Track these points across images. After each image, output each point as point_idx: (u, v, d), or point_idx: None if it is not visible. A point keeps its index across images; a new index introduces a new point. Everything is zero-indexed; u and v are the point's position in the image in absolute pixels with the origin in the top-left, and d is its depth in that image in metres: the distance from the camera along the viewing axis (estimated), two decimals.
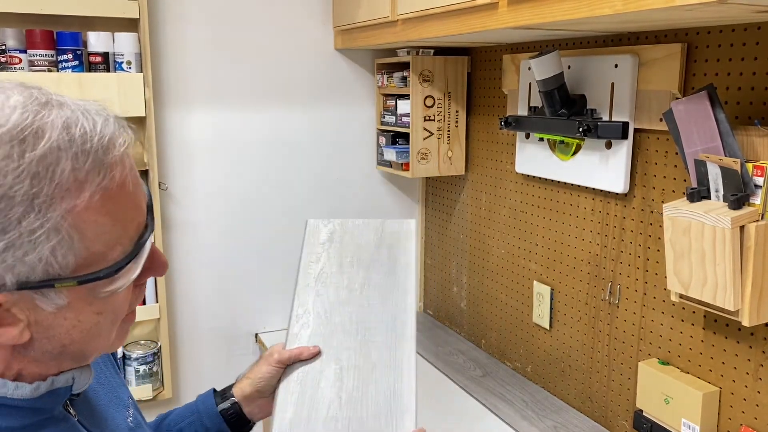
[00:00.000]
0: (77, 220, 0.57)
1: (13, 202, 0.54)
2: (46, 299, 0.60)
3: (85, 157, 0.58)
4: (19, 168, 0.54)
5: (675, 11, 1.02)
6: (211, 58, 2.03)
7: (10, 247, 0.55)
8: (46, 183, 0.55)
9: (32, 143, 0.55)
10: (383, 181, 2.35)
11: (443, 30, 1.55)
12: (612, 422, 1.61)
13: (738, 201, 1.13)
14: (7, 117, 0.56)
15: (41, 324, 0.61)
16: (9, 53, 1.74)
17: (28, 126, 0.56)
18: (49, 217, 0.56)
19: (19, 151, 0.55)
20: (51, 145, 0.56)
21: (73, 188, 0.57)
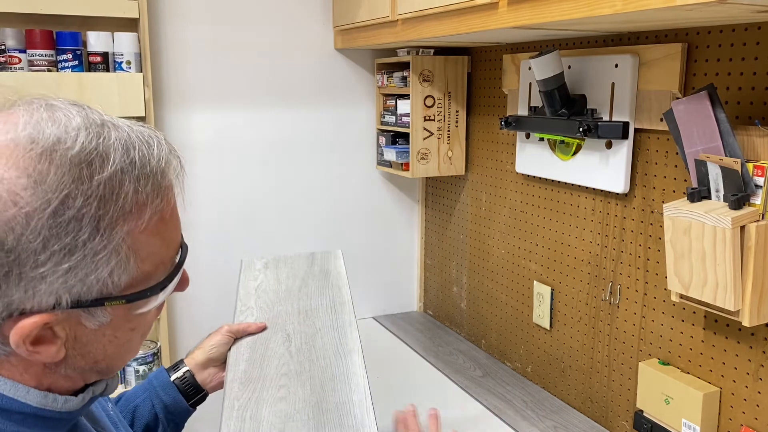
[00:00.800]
0: (135, 242, 0.59)
1: (81, 224, 0.55)
2: (92, 317, 0.60)
3: (146, 181, 0.59)
4: (88, 191, 0.55)
5: (675, 11, 1.01)
6: (211, 58, 2.03)
7: (74, 268, 0.55)
8: (111, 205, 0.56)
9: (99, 166, 0.56)
10: (383, 181, 2.35)
11: (443, 30, 1.54)
12: (612, 422, 1.61)
13: (738, 201, 1.13)
14: (73, 139, 0.56)
15: (79, 341, 0.61)
16: (8, 53, 1.74)
17: (93, 149, 0.56)
18: (111, 239, 0.57)
19: (88, 173, 0.55)
20: (116, 168, 0.57)
21: (135, 211, 0.58)
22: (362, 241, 2.35)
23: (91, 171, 0.55)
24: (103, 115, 0.61)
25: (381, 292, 2.42)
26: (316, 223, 2.28)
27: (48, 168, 0.54)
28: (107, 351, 0.64)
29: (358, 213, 2.33)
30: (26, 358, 0.60)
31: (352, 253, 2.34)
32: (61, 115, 0.57)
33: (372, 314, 2.41)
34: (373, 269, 2.39)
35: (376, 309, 2.42)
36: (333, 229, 2.30)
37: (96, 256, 0.56)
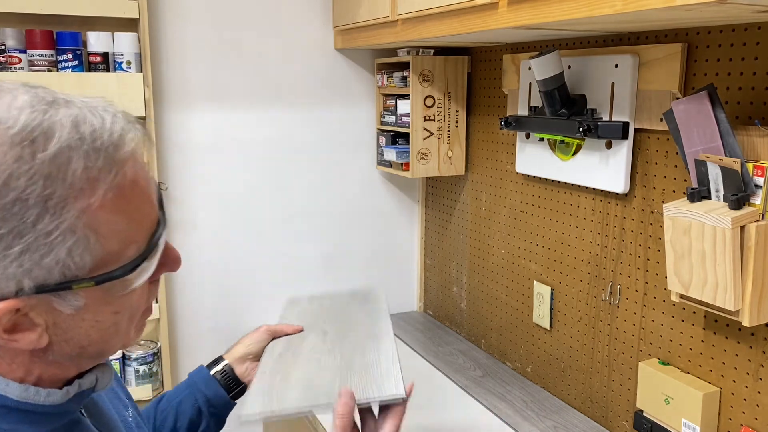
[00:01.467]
0: (92, 220, 0.56)
1: (27, 204, 0.53)
2: (64, 301, 0.58)
3: (96, 155, 0.56)
4: (31, 170, 0.53)
5: (675, 11, 1.01)
6: (211, 58, 2.03)
7: (26, 250, 0.54)
8: (59, 183, 0.54)
9: (42, 143, 0.54)
10: (383, 181, 2.35)
11: (443, 30, 1.54)
12: (612, 422, 1.61)
13: (738, 201, 1.13)
14: (15, 118, 0.54)
15: (59, 326, 0.60)
16: (9, 53, 1.74)
17: (37, 126, 0.54)
18: (64, 218, 0.54)
19: (30, 152, 0.53)
20: (62, 144, 0.54)
21: (87, 187, 0.55)
22: (362, 241, 2.35)
23: (33, 149, 0.53)
24: (59, 94, 0.59)
25: None
26: (316, 222, 2.28)
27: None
28: (91, 336, 0.62)
29: (358, 213, 2.33)
30: (5, 346, 0.59)
31: (351, 253, 2.35)
32: (7, 96, 0.56)
33: None
34: (373, 269, 2.39)
35: None
36: (333, 229, 2.30)
37: (48, 237, 0.54)
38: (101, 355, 0.67)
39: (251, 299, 2.21)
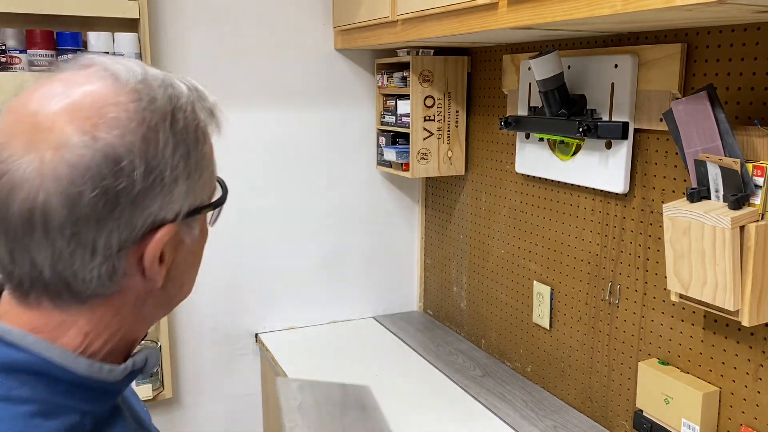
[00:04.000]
0: (207, 161, 0.65)
1: (187, 133, 0.61)
2: (190, 230, 0.65)
3: (207, 114, 0.66)
4: (184, 108, 0.62)
5: (675, 11, 1.02)
6: (211, 59, 2.03)
7: (193, 171, 0.62)
8: (194, 133, 0.62)
9: (183, 106, 0.62)
10: (383, 181, 2.35)
11: (443, 30, 1.55)
12: (612, 422, 1.62)
13: (738, 201, 1.13)
14: (155, 91, 0.60)
15: (176, 262, 0.65)
16: (9, 53, 1.74)
17: (170, 83, 0.63)
18: (199, 158, 0.62)
19: (184, 114, 0.62)
20: (193, 106, 0.64)
21: (204, 137, 0.64)
22: (362, 241, 2.35)
23: (177, 116, 0.61)
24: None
25: (381, 292, 2.42)
26: (317, 223, 2.28)
27: (153, 91, 0.60)
28: (186, 275, 0.69)
29: (358, 213, 2.33)
30: (133, 287, 0.62)
31: (352, 253, 2.35)
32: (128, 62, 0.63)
33: (372, 314, 2.41)
34: (373, 269, 2.39)
35: (376, 309, 2.42)
36: (333, 229, 2.30)
37: (201, 162, 0.63)
38: (177, 299, 0.71)
39: (251, 299, 2.21)
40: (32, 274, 0.58)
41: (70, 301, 0.60)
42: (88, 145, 0.55)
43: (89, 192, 0.55)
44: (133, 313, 0.64)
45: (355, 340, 2.18)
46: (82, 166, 0.55)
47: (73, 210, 0.55)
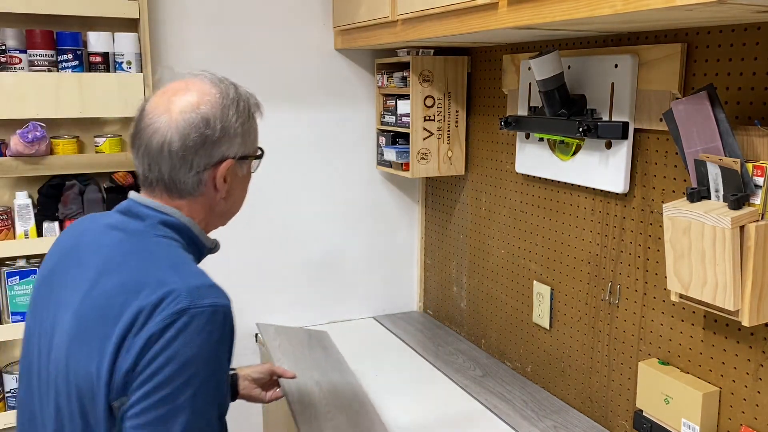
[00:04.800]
0: (253, 130, 1.12)
1: (241, 112, 1.08)
2: (240, 168, 1.11)
3: (254, 99, 1.14)
4: (244, 107, 1.10)
5: (675, 11, 1.02)
6: (211, 59, 2.03)
7: (245, 133, 1.09)
8: (246, 113, 1.10)
9: (244, 98, 1.11)
10: (383, 181, 2.35)
11: (443, 30, 1.55)
12: (612, 422, 1.61)
13: (738, 201, 1.13)
14: (229, 89, 1.09)
15: (232, 186, 1.10)
16: (9, 53, 1.74)
17: (231, 83, 1.11)
18: (248, 126, 1.10)
19: (243, 103, 1.10)
20: (248, 101, 1.12)
21: (251, 115, 1.12)
22: (362, 241, 2.35)
23: (239, 104, 1.09)
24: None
25: (381, 292, 2.42)
26: (316, 222, 2.28)
27: (227, 89, 1.09)
28: (236, 198, 1.14)
29: (358, 213, 2.33)
30: (208, 194, 1.08)
31: (352, 253, 2.35)
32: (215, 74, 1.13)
33: (372, 314, 2.41)
34: (373, 269, 2.39)
35: (376, 309, 2.42)
36: (333, 229, 2.30)
37: (250, 128, 1.11)
38: (230, 215, 1.17)
39: (252, 299, 2.21)
40: (159, 177, 1.05)
41: (176, 195, 1.07)
42: (195, 111, 1.03)
43: (193, 135, 1.02)
44: (210, 211, 1.11)
45: (355, 340, 2.17)
46: (190, 121, 1.03)
47: (183, 143, 1.02)
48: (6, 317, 1.81)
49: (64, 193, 1.83)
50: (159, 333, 0.89)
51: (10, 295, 1.80)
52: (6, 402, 1.85)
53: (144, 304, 0.91)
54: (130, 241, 1.02)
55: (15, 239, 1.78)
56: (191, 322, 0.90)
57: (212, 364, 0.93)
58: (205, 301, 0.93)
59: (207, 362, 0.92)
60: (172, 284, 0.93)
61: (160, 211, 1.05)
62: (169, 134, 1.01)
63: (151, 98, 1.08)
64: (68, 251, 1.07)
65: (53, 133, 1.83)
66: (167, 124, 1.02)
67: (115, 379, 0.90)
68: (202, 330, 0.91)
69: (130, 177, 1.89)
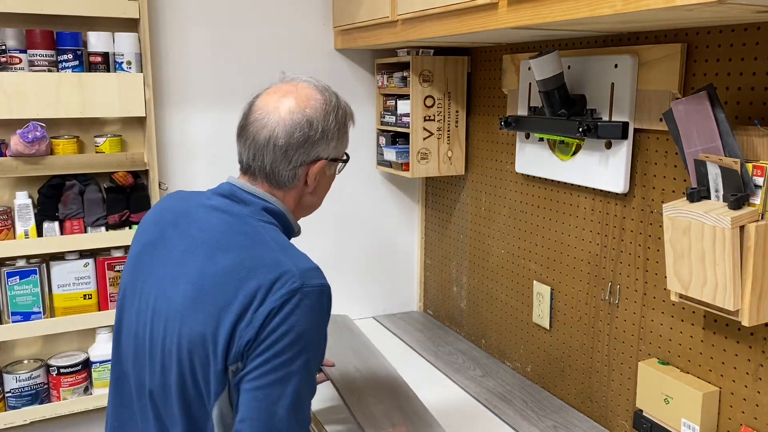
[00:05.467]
0: (346, 136, 1.24)
1: (340, 118, 1.21)
2: (329, 169, 1.23)
3: (350, 114, 1.25)
4: (342, 115, 1.22)
5: (675, 11, 1.02)
6: (211, 58, 2.03)
7: (339, 139, 1.21)
8: (343, 120, 1.22)
9: (343, 107, 1.23)
10: (383, 181, 2.35)
11: (443, 30, 1.55)
12: (612, 422, 1.62)
13: (738, 201, 1.13)
14: (332, 96, 1.21)
15: (319, 183, 1.22)
16: (9, 53, 1.74)
17: (334, 93, 1.23)
18: (343, 132, 1.22)
19: (342, 111, 1.22)
20: (346, 109, 1.23)
21: (346, 123, 1.23)
22: (362, 241, 2.35)
23: (338, 110, 1.21)
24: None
25: (381, 292, 2.42)
26: (316, 223, 2.27)
27: (330, 96, 1.20)
28: (320, 193, 1.26)
29: (358, 213, 2.33)
30: (299, 187, 1.20)
31: (352, 252, 2.35)
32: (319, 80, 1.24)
33: (372, 314, 2.41)
34: (374, 269, 2.39)
35: (376, 309, 2.42)
36: (333, 229, 2.30)
37: (344, 134, 1.23)
38: (313, 208, 1.30)
39: None
40: (261, 167, 1.17)
41: (275, 185, 1.19)
42: (301, 113, 1.16)
43: (297, 133, 1.15)
44: (298, 203, 1.23)
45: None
46: (296, 121, 1.15)
47: (288, 140, 1.15)
48: (6, 317, 1.81)
49: (64, 193, 1.83)
50: (278, 308, 1.02)
51: (10, 295, 1.80)
52: (6, 402, 1.85)
53: (262, 281, 1.03)
54: (238, 223, 1.14)
55: (15, 239, 1.78)
56: (304, 300, 1.03)
57: (319, 337, 1.08)
58: (314, 282, 1.06)
59: (316, 334, 1.06)
60: (286, 265, 1.05)
61: (263, 198, 1.18)
62: (277, 130, 1.15)
63: (261, 95, 1.21)
64: (173, 226, 1.18)
65: (53, 133, 1.83)
66: (276, 121, 1.15)
67: (234, 347, 1.02)
68: (313, 306, 1.04)
69: (130, 177, 1.89)
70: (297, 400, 1.03)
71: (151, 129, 1.87)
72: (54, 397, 1.89)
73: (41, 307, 1.84)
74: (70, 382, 1.89)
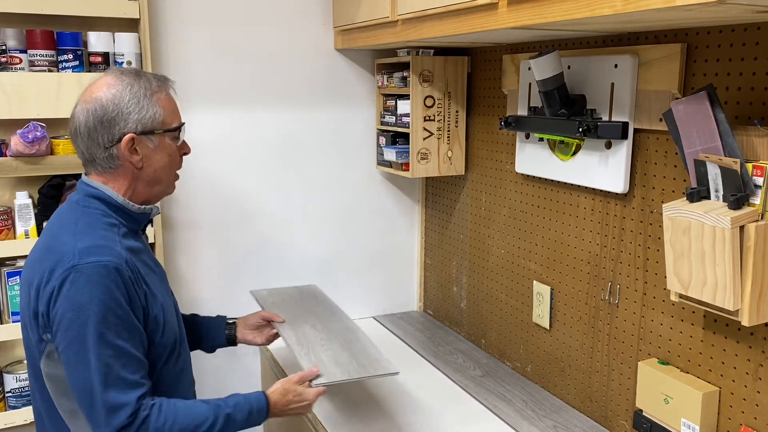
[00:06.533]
0: (160, 102, 1.29)
1: (140, 95, 1.27)
2: (150, 141, 1.28)
3: (158, 81, 1.32)
4: (141, 83, 1.28)
5: (675, 11, 1.02)
6: (211, 59, 2.03)
7: (141, 110, 1.26)
8: (150, 87, 1.29)
9: (142, 83, 1.29)
10: (383, 181, 2.35)
11: (443, 30, 1.55)
12: (612, 422, 1.62)
13: (738, 201, 1.13)
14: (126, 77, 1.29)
15: (147, 156, 1.28)
16: (9, 53, 1.74)
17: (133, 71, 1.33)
18: (153, 101, 1.28)
19: (138, 86, 1.28)
20: (145, 83, 1.29)
21: (157, 90, 1.30)
22: (362, 241, 2.35)
23: (139, 83, 1.28)
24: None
25: (381, 292, 2.42)
26: (316, 222, 2.28)
27: (123, 77, 1.28)
28: (157, 167, 1.30)
29: (358, 213, 2.33)
30: (126, 166, 1.27)
31: (352, 252, 2.35)
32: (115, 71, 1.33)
33: (372, 314, 2.41)
34: (373, 269, 2.39)
35: (376, 309, 2.42)
36: (333, 229, 2.30)
37: (148, 107, 1.27)
38: (161, 183, 1.34)
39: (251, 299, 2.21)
40: (83, 156, 1.29)
41: (100, 170, 1.28)
42: (92, 98, 1.26)
43: (90, 117, 1.25)
44: (135, 181, 1.30)
45: None
46: (89, 107, 1.25)
47: (86, 124, 1.25)
48: (6, 317, 1.81)
49: (64, 193, 1.83)
50: (58, 287, 1.16)
51: (10, 295, 1.80)
52: (6, 402, 1.85)
53: (50, 263, 1.19)
54: (65, 210, 1.30)
55: (15, 239, 1.78)
56: (79, 276, 1.16)
57: (105, 305, 1.17)
58: (90, 259, 1.17)
59: (100, 304, 1.16)
60: (68, 246, 1.19)
61: (88, 184, 1.29)
62: (79, 119, 1.26)
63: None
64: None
65: (53, 133, 1.83)
66: (78, 112, 1.27)
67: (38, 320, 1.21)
68: (88, 281, 1.16)
69: None
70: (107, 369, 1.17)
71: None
72: None
73: None
74: None
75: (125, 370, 1.19)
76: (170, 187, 1.37)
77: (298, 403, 1.41)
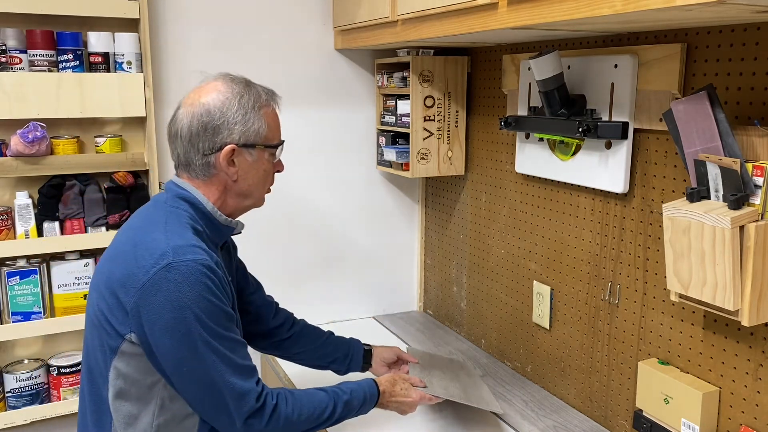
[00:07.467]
0: (266, 116, 1.30)
1: (248, 106, 1.27)
2: (249, 154, 1.28)
3: (267, 95, 1.32)
4: (250, 93, 1.29)
5: (675, 11, 1.02)
6: (211, 58, 2.03)
7: (246, 122, 1.26)
8: (249, 105, 1.27)
9: (253, 94, 1.30)
10: (383, 181, 2.35)
11: (443, 30, 1.55)
12: (612, 422, 1.62)
13: (738, 201, 1.13)
14: (236, 86, 1.29)
15: (243, 170, 1.28)
16: (9, 53, 1.74)
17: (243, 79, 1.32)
18: (260, 114, 1.28)
19: (248, 97, 1.28)
20: (255, 95, 1.29)
21: (264, 105, 1.30)
22: (362, 241, 2.35)
23: (249, 94, 1.28)
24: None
25: (381, 292, 2.42)
26: (316, 222, 2.28)
27: (233, 85, 1.28)
28: (251, 181, 1.30)
29: (358, 213, 2.33)
30: (221, 176, 1.27)
31: (352, 252, 2.35)
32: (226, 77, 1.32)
33: (372, 314, 2.42)
34: (374, 269, 2.39)
35: (376, 309, 2.42)
36: (333, 229, 2.30)
37: (254, 120, 1.27)
38: (251, 198, 1.34)
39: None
40: (178, 159, 1.29)
41: (194, 175, 1.28)
42: (199, 103, 1.25)
43: (195, 122, 1.24)
44: (227, 192, 1.30)
45: None
46: (195, 111, 1.25)
47: (189, 129, 1.24)
48: (6, 317, 1.82)
49: (64, 193, 1.83)
50: (154, 284, 1.15)
51: (10, 295, 1.80)
52: (6, 402, 1.85)
53: (139, 259, 1.18)
54: (151, 208, 1.30)
55: (15, 239, 1.78)
56: (174, 273, 1.15)
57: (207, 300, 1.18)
58: (186, 257, 1.16)
59: (202, 300, 1.17)
60: (161, 243, 1.18)
61: (180, 186, 1.28)
62: (183, 122, 1.26)
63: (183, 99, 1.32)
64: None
65: (53, 133, 1.83)
66: (182, 115, 1.27)
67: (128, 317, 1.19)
68: (187, 279, 1.16)
69: (130, 177, 1.89)
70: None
71: (151, 129, 1.87)
72: (54, 396, 1.89)
73: (41, 307, 1.84)
74: (71, 382, 1.89)
75: (240, 358, 1.20)
76: (260, 201, 1.36)
77: (404, 397, 1.47)
